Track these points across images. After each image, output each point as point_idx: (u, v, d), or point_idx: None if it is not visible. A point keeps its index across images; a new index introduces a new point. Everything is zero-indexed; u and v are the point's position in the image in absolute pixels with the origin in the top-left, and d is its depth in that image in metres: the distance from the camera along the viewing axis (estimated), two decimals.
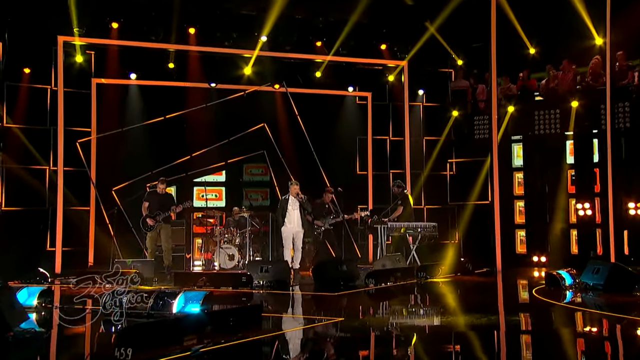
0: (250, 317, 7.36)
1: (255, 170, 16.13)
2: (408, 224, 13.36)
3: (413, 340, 7.10)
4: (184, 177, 15.32)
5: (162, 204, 12.78)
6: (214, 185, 15.89)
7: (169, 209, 12.71)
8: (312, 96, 15.64)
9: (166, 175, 14.53)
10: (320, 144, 15.21)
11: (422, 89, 16.31)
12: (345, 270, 11.38)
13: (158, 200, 12.81)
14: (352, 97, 16.24)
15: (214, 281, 10.93)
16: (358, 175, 16.24)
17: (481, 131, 15.61)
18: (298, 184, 13.02)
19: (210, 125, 15.12)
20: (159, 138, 14.78)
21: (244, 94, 14.94)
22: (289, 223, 12.69)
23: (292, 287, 11.32)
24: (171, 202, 12.93)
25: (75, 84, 14.16)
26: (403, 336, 7.38)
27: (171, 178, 14.80)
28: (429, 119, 16.35)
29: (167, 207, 12.74)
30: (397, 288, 11.07)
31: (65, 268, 13.17)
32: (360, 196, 15.98)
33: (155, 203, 12.78)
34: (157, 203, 12.79)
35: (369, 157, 16.20)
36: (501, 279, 12.83)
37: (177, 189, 15.45)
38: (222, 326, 7.02)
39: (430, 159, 16.09)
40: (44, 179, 13.99)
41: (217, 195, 15.84)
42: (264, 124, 15.49)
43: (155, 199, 12.83)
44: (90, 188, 14.26)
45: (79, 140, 14.17)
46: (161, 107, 14.78)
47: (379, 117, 16.34)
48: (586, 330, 7.76)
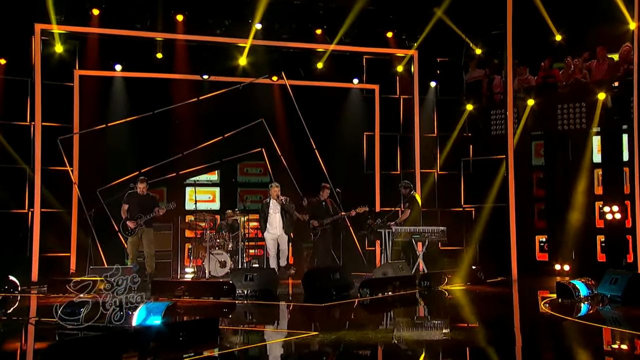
0: (205, 332, 6.78)
1: (253, 170, 15.65)
2: (414, 228, 12.82)
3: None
4: (175, 177, 14.98)
5: (143, 206, 12.32)
6: (207, 186, 15.48)
7: (152, 211, 12.21)
8: (314, 89, 15.28)
9: (155, 175, 14.38)
10: (323, 141, 15.09)
11: (435, 81, 15.71)
12: (338, 279, 10.89)
13: (139, 202, 12.37)
14: (358, 90, 15.79)
15: (194, 290, 10.56)
16: (365, 175, 15.77)
17: (498, 126, 14.89)
18: (279, 186, 12.85)
19: (202, 120, 14.80)
20: (147, 135, 14.43)
21: (239, 86, 14.57)
22: (271, 228, 12.68)
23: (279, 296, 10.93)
24: (153, 204, 12.46)
25: (55, 75, 13.84)
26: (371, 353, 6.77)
27: (161, 178, 14.64)
28: (442, 114, 15.83)
29: (149, 209, 12.27)
30: (395, 298, 10.63)
31: (44, 276, 12.78)
32: (367, 197, 15.33)
33: (135, 205, 12.35)
34: (137, 205, 12.35)
35: (376, 155, 15.75)
36: (515, 289, 12.25)
37: (167, 190, 15.13)
38: (170, 342, 6.44)
39: (443, 157, 15.62)
40: (23, 180, 13.61)
41: (210, 196, 15.31)
42: (262, 119, 15.13)
43: (135, 201, 12.39)
44: (73, 189, 13.90)
45: (60, 137, 13.87)
46: (149, 101, 14.42)
47: (387, 112, 15.87)
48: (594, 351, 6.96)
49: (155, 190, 14.70)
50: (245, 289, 10.64)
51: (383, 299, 10.51)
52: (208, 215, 13.86)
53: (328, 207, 13.39)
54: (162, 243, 13.47)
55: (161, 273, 13.08)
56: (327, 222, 13.26)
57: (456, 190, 15.49)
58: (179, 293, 10.38)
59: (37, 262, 13.11)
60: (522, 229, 13.76)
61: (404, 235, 12.69)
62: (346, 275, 11.09)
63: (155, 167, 14.47)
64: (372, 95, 15.77)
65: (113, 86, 14.39)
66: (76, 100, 14.12)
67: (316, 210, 13.42)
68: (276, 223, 12.60)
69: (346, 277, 11.06)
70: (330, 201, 13.44)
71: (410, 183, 13.60)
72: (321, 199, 13.47)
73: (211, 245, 13.55)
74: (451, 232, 14.43)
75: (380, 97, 15.74)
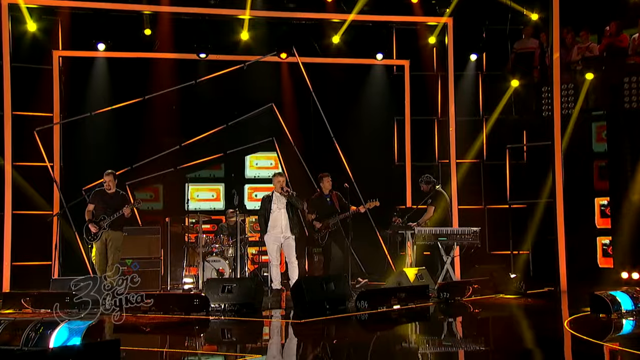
0: (101, 357, 5.97)
1: (263, 162, 14.79)
2: (440, 229, 11.92)
3: None
4: (173, 173, 14.44)
5: (109, 206, 11.63)
6: (210, 182, 14.99)
7: (117, 212, 11.52)
8: (330, 67, 14.58)
9: (151, 170, 14.15)
10: (342, 128, 14.47)
11: (475, 53, 14.65)
12: (332, 290, 10.14)
13: (105, 202, 11.67)
14: (383, 67, 14.93)
15: (163, 305, 9.93)
16: (396, 167, 14.87)
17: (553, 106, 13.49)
18: (284, 176, 11.72)
19: (202, 107, 14.41)
20: (139, 124, 13.93)
21: (243, 66, 13.98)
22: (273, 228, 11.27)
23: (263, 310, 10.22)
24: (121, 203, 11.74)
25: (30, 58, 13.48)
26: None
27: (156, 174, 14.26)
28: (485, 93, 14.79)
29: (116, 209, 11.58)
30: (400, 313, 9.91)
31: (21, 287, 12.20)
32: (399, 195, 14.58)
33: (101, 205, 11.69)
34: (103, 205, 11.66)
35: (406, 143, 14.86)
36: (555, 301, 11.28)
37: (163, 188, 14.74)
38: None
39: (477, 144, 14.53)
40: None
41: (214, 194, 14.63)
42: (272, 104, 14.58)
43: (101, 200, 11.71)
44: (54, 188, 13.51)
45: (37, 128, 13.46)
46: (139, 85, 13.97)
47: (420, 92, 14.90)
48: None
49: (151, 187, 14.60)
50: (222, 303, 10.02)
51: (384, 313, 9.77)
52: (203, 217, 13.14)
53: (334, 203, 12.22)
54: (149, 249, 12.83)
55: (149, 284, 12.43)
56: (334, 223, 12.10)
57: (501, 184, 14.35)
58: (144, 308, 9.68)
59: (8, 271, 12.74)
60: (580, 230, 12.85)
61: (427, 237, 11.80)
62: (342, 286, 10.33)
63: (149, 161, 14.06)
64: (401, 72, 14.89)
65: (96, 68, 13.98)
66: (56, 86, 13.68)
67: (318, 208, 12.29)
68: (280, 222, 11.20)
69: (342, 288, 10.31)
70: (337, 195, 12.22)
71: (431, 177, 12.69)
72: (324, 193, 12.33)
73: (207, 251, 12.93)
74: (497, 233, 13.79)
75: (411, 75, 14.79)
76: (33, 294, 10.41)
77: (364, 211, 12.04)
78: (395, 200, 13.89)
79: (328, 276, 10.70)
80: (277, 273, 11.25)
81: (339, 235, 12.12)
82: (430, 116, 14.90)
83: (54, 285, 10.93)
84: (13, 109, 13.01)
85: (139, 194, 14.23)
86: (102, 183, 11.89)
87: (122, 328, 8.60)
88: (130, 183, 14.11)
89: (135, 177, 14.11)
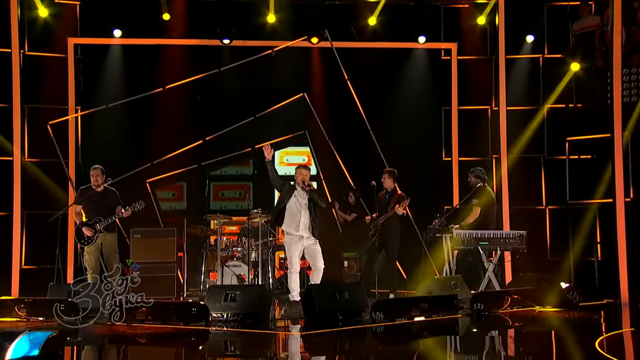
0: None
1: (295, 158, 14.43)
2: (481, 232, 11.36)
3: None
4: (197, 170, 14.23)
5: (101, 205, 11.37)
6: (237, 180, 14.71)
7: (113, 213, 11.27)
8: (366, 52, 14.00)
9: (173, 166, 14.00)
10: (381, 119, 13.96)
11: (532, 35, 13.92)
12: (346, 300, 9.68)
13: (95, 201, 11.40)
14: (424, 51, 14.27)
15: (160, 314, 9.62)
16: (444, 163, 14.30)
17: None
18: (309, 169, 11.02)
19: (227, 97, 14.21)
20: (159, 116, 13.68)
21: (271, 52, 13.63)
22: (291, 229, 10.66)
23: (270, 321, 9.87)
24: (113, 201, 11.47)
25: (42, 45, 13.39)
26: None
27: (179, 171, 14.13)
28: (544, 78, 14.02)
29: (108, 209, 11.32)
30: (421, 325, 9.41)
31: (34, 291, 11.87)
32: (447, 193, 14.04)
33: (90, 205, 11.42)
34: (93, 204, 11.39)
35: (453, 135, 14.28)
36: (608, 316, 10.47)
37: (187, 186, 14.53)
38: None
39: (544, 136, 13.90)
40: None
41: (241, 193, 14.25)
42: (304, 94, 14.33)
43: (89, 200, 11.42)
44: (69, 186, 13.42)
45: (50, 121, 13.37)
46: (159, 74, 13.74)
47: (470, 78, 14.26)
48: None
49: (173, 186, 14.46)
50: (224, 312, 9.68)
51: (402, 326, 9.35)
52: (223, 217, 12.83)
53: (389, 203, 11.72)
54: (163, 252, 12.33)
55: (163, 291, 11.95)
56: (381, 223, 11.59)
57: (560, 181, 13.62)
58: (140, 317, 9.54)
59: (17, 275, 12.69)
60: None
61: (466, 241, 11.29)
62: (358, 295, 9.85)
63: (170, 157, 13.88)
64: (447, 57, 14.29)
65: (112, 57, 13.75)
66: (71, 76, 13.57)
67: (380, 207, 11.84)
68: (299, 221, 10.61)
69: (358, 297, 9.82)
70: (399, 195, 11.68)
71: (484, 171, 12.02)
72: (387, 190, 11.92)
73: (227, 255, 12.68)
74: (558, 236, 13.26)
75: (459, 60, 14.17)
76: (27, 301, 10.18)
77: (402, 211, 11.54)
78: (443, 201, 13.40)
79: (342, 284, 10.49)
80: (296, 282, 10.73)
81: (389, 240, 11.62)
82: (480, 105, 14.24)
83: (52, 291, 10.66)
84: (26, 101, 13.01)
85: (160, 193, 14.30)
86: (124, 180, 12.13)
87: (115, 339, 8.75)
88: (151, 181, 14.00)
89: (156, 175, 13.98)
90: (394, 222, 11.52)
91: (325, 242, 11.03)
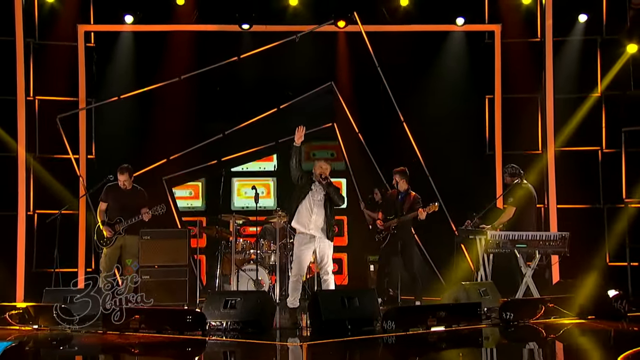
0: None
1: (322, 153, 14.11)
2: (518, 234, 10.75)
3: None
4: (216, 166, 13.98)
5: (126, 206, 11.33)
6: (259, 177, 14.39)
7: (136, 214, 11.22)
8: (398, 36, 13.59)
9: (190, 162, 13.87)
10: (416, 109, 13.61)
11: (585, 13, 13.36)
12: (356, 307, 9.36)
13: (120, 200, 11.43)
14: (463, 34, 13.75)
15: (154, 321, 9.38)
16: (488, 157, 13.81)
17: None
18: (330, 163, 10.64)
19: (247, 88, 13.99)
20: (175, 109, 13.57)
21: (295, 37, 13.23)
22: (303, 226, 10.28)
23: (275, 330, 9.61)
24: (140, 201, 11.44)
25: (49, 33, 13.25)
26: None
27: (197, 167, 13.97)
28: (597, 62, 13.43)
29: (135, 209, 11.28)
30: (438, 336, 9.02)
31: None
32: (490, 191, 13.41)
33: (115, 204, 11.43)
34: (118, 204, 11.42)
35: (496, 127, 13.74)
36: None
37: (206, 184, 14.35)
38: None
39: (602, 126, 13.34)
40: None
41: (264, 190, 13.93)
42: (331, 83, 13.97)
43: (114, 198, 11.45)
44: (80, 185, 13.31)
45: (59, 115, 13.21)
46: (173, 63, 13.50)
47: (517, 64, 13.69)
48: None
49: (191, 185, 14.24)
50: (223, 320, 9.43)
51: (417, 337, 9.00)
52: (239, 217, 12.62)
53: (404, 204, 11.52)
54: (174, 255, 11.93)
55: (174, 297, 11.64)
56: (395, 226, 11.43)
57: (615, 176, 13.12)
58: (134, 325, 9.28)
59: (22, 279, 12.70)
60: None
61: (501, 244, 10.70)
62: (369, 303, 9.52)
63: (187, 152, 13.73)
64: (490, 40, 13.73)
65: (123, 45, 13.54)
66: (81, 65, 13.42)
67: (386, 206, 11.87)
68: (309, 220, 10.17)
69: (369, 305, 9.49)
70: (414, 197, 11.49)
71: (517, 167, 11.56)
72: (400, 190, 11.71)
73: (244, 258, 12.32)
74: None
75: (503, 43, 13.64)
76: (20, 308, 9.96)
77: (424, 216, 11.25)
78: (485, 200, 12.59)
79: (352, 290, 10.34)
80: (295, 287, 10.39)
81: (405, 244, 11.41)
82: (527, 94, 13.72)
83: (47, 296, 10.50)
84: (35, 93, 13.06)
85: (177, 191, 14.13)
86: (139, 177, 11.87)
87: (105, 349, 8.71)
88: (167, 178, 13.86)
89: (173, 171, 13.84)
90: (410, 225, 11.46)
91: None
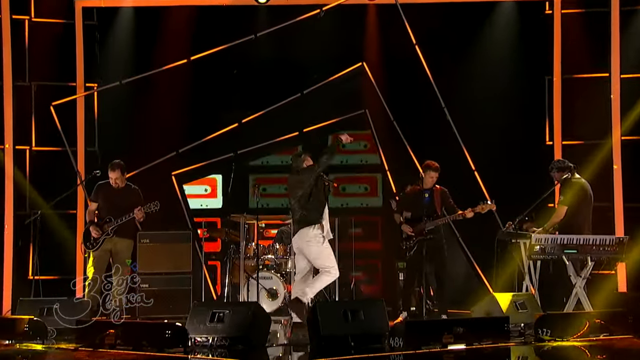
0: None
1: (352, 145, 13.12)
2: (567, 237, 9.96)
3: None
4: (231, 160, 13.29)
5: (117, 206, 10.95)
6: (278, 172, 13.68)
7: (127, 213, 10.83)
8: (440, 8, 13.14)
9: (203, 156, 13.66)
10: (459, 92, 13.03)
11: None
12: (361, 321, 8.78)
13: (111, 200, 11.11)
14: (514, 5, 13.00)
15: (131, 337, 8.92)
16: (547, 148, 13.01)
17: None
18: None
19: (266, 70, 13.43)
20: (184, 95, 13.22)
21: (320, 12, 12.58)
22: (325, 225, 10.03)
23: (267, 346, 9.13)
24: (134, 200, 11.02)
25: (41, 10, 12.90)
26: None
27: (211, 160, 13.48)
28: None
29: (128, 210, 10.88)
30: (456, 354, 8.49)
31: None
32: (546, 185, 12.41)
33: (106, 204, 11.08)
34: (109, 204, 11.07)
35: (555, 113, 12.86)
36: None
37: (222, 178, 14.02)
38: None
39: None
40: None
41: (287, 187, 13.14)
42: (362, 63, 13.44)
43: (105, 197, 11.12)
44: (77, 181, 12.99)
45: (54, 102, 12.96)
46: (182, 42, 13.14)
47: (579, 39, 12.81)
48: None
49: (206, 179, 13.95)
50: (209, 336, 8.96)
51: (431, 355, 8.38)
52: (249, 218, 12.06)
53: (433, 202, 10.86)
54: (177, 262, 11.68)
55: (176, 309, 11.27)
56: (430, 228, 10.72)
57: None
58: (109, 341, 8.94)
59: (9, 288, 12.43)
60: None
61: (547, 249, 9.89)
62: (377, 316, 8.91)
63: (199, 143, 13.33)
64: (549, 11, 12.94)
65: (123, 23, 13.10)
66: (79, 47, 13.05)
67: (410, 206, 11.05)
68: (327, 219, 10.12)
69: (376, 319, 8.89)
70: (441, 192, 10.92)
71: (564, 161, 10.78)
72: (423, 188, 10.99)
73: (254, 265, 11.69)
74: None
75: (564, 16, 12.75)
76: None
77: (472, 215, 10.65)
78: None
79: (356, 302, 10.10)
80: None
81: (437, 248, 10.76)
82: (597, 72, 12.85)
83: (22, 307, 10.10)
84: (31, 78, 12.82)
85: (189, 188, 13.74)
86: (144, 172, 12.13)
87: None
88: (177, 174, 13.49)
89: (183, 166, 13.50)
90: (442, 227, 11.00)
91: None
